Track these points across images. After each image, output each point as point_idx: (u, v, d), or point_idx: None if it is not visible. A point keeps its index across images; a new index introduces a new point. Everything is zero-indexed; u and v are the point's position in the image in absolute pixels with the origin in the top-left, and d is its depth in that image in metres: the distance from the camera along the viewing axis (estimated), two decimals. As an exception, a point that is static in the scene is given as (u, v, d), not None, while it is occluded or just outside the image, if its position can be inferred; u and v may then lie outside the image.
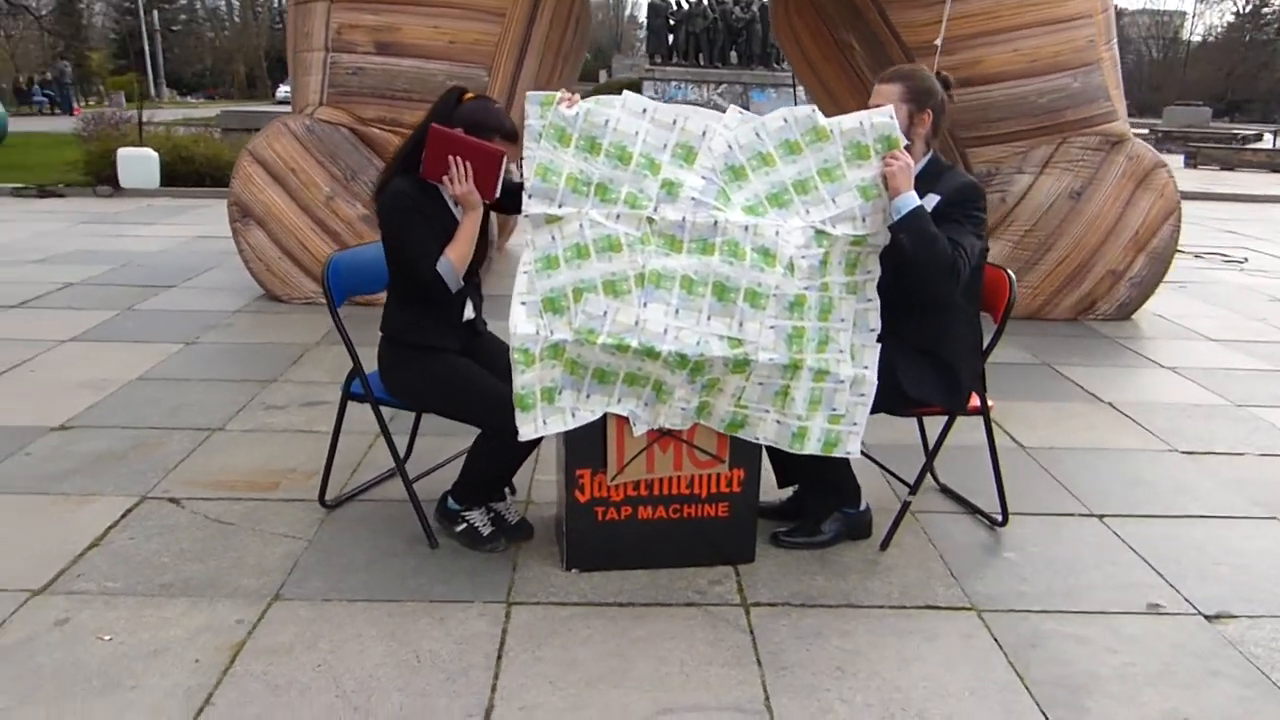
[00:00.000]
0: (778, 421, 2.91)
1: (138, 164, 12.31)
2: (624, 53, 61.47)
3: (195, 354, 5.26)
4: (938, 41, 4.76)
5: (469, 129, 2.92)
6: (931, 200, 2.94)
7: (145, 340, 5.47)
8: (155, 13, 45.24)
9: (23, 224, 9.70)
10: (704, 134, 2.88)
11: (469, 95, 3.00)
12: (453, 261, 2.93)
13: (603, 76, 53.32)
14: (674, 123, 2.87)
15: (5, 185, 12.28)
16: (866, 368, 2.94)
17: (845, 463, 3.20)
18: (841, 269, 2.91)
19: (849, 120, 2.90)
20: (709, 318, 2.78)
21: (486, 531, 3.12)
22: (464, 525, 3.12)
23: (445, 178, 2.89)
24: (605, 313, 2.76)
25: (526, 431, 2.80)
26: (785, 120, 2.91)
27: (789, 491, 3.42)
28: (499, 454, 2.99)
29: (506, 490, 3.27)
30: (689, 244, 2.82)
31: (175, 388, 4.66)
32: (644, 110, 2.87)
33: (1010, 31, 6.02)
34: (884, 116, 2.88)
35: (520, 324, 2.77)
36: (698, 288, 2.79)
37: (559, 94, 2.86)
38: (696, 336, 2.76)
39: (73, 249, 8.31)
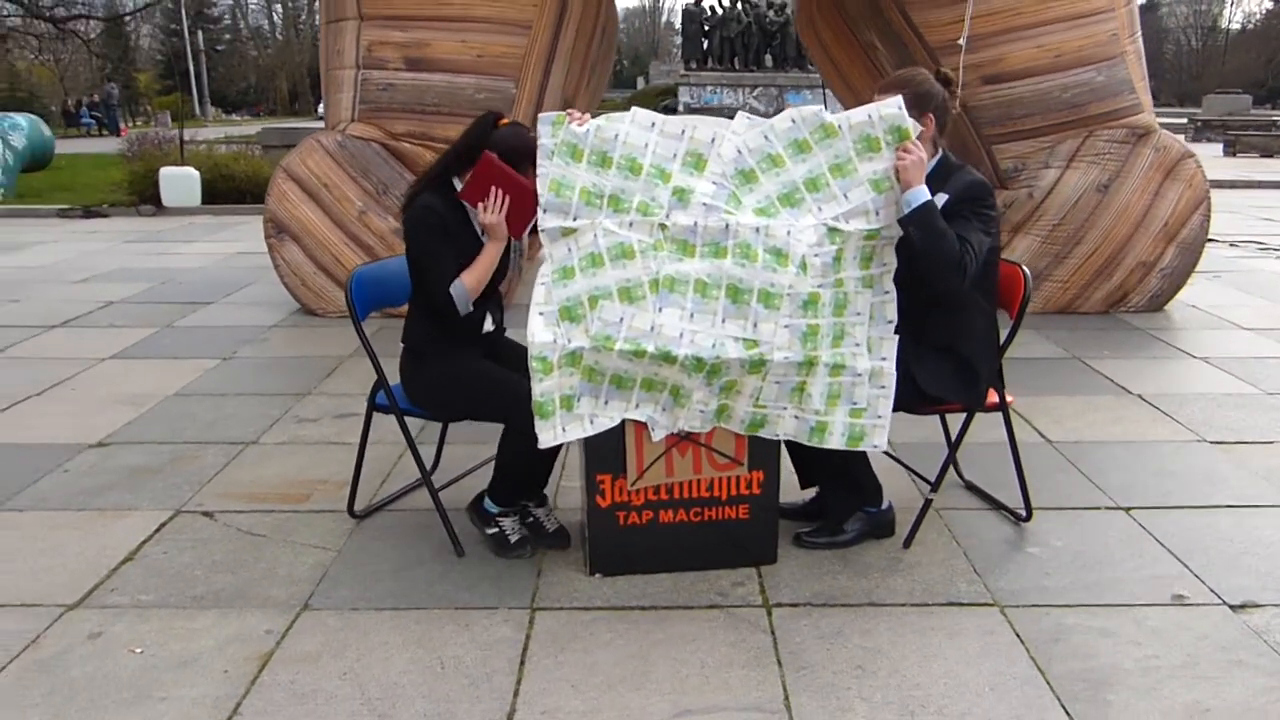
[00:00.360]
0: (795, 417, 2.95)
1: (179, 182, 12.60)
2: (660, 59, 61.55)
3: (231, 369, 5.38)
4: (962, 40, 4.74)
5: (504, 154, 2.99)
6: (940, 199, 2.95)
7: (183, 356, 5.61)
8: (200, 33, 46.10)
9: (68, 244, 9.97)
10: (713, 140, 2.92)
11: (504, 120, 3.07)
12: (466, 286, 3.01)
13: (640, 83, 53.48)
14: (682, 133, 2.91)
15: (52, 206, 12.62)
16: (884, 359, 2.95)
17: (866, 461, 3.22)
18: (856, 264, 2.93)
19: (857, 114, 2.91)
20: (724, 320, 2.82)
21: (515, 539, 3.16)
22: (495, 530, 3.17)
23: (480, 204, 2.96)
24: (621, 319, 2.80)
25: (546, 439, 2.85)
26: (793, 121, 2.94)
27: (812, 492, 3.43)
28: (526, 450, 3.02)
29: (545, 495, 3.31)
30: (701, 248, 2.85)
31: (211, 402, 4.78)
32: (652, 124, 2.92)
33: (1033, 28, 5.99)
34: (892, 108, 2.89)
35: (538, 333, 2.83)
36: (711, 290, 2.82)
37: (570, 113, 2.92)
38: (712, 339, 2.79)
39: (115, 267, 8.53)
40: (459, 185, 3.07)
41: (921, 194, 2.84)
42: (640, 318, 2.80)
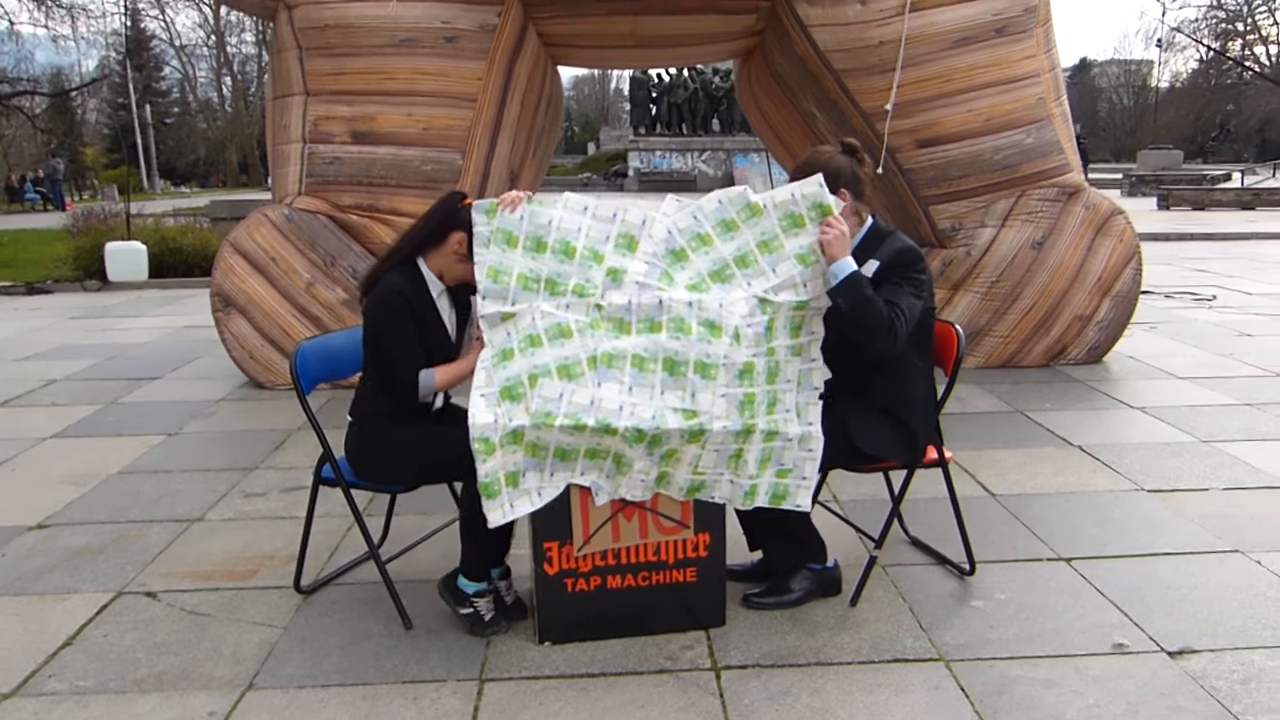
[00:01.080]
0: (731, 482, 3.00)
1: (125, 257, 12.49)
2: (610, 124, 62.49)
3: (178, 444, 5.32)
4: (888, 106, 4.92)
5: (462, 227, 3.06)
6: (871, 266, 3.06)
7: (128, 433, 5.54)
8: (148, 106, 46.06)
9: (10, 322, 9.82)
10: (643, 223, 3.05)
11: (467, 200, 3.12)
12: (436, 381, 3.06)
13: (591, 148, 54.18)
14: (614, 216, 3.04)
15: (-6, 284, 12.44)
16: (811, 424, 3.03)
17: (807, 518, 3.26)
18: (786, 333, 3.02)
19: (780, 193, 3.03)
20: (662, 392, 2.88)
21: (489, 616, 3.13)
22: (470, 611, 3.12)
23: None
24: (561, 395, 2.86)
25: (494, 518, 2.86)
26: (720, 201, 3.07)
27: (759, 554, 3.46)
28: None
29: (508, 566, 3.30)
30: (637, 325, 2.94)
31: (157, 479, 4.71)
32: (584, 208, 3.05)
33: (964, 93, 6.20)
34: (813, 185, 3.00)
35: (479, 415, 2.87)
36: (649, 364, 2.89)
37: (502, 199, 3.02)
38: (652, 411, 2.85)
39: (58, 344, 8.42)
40: (424, 266, 3.12)
41: (847, 265, 2.93)
42: (580, 393, 2.86)
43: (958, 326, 3.34)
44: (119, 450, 5.20)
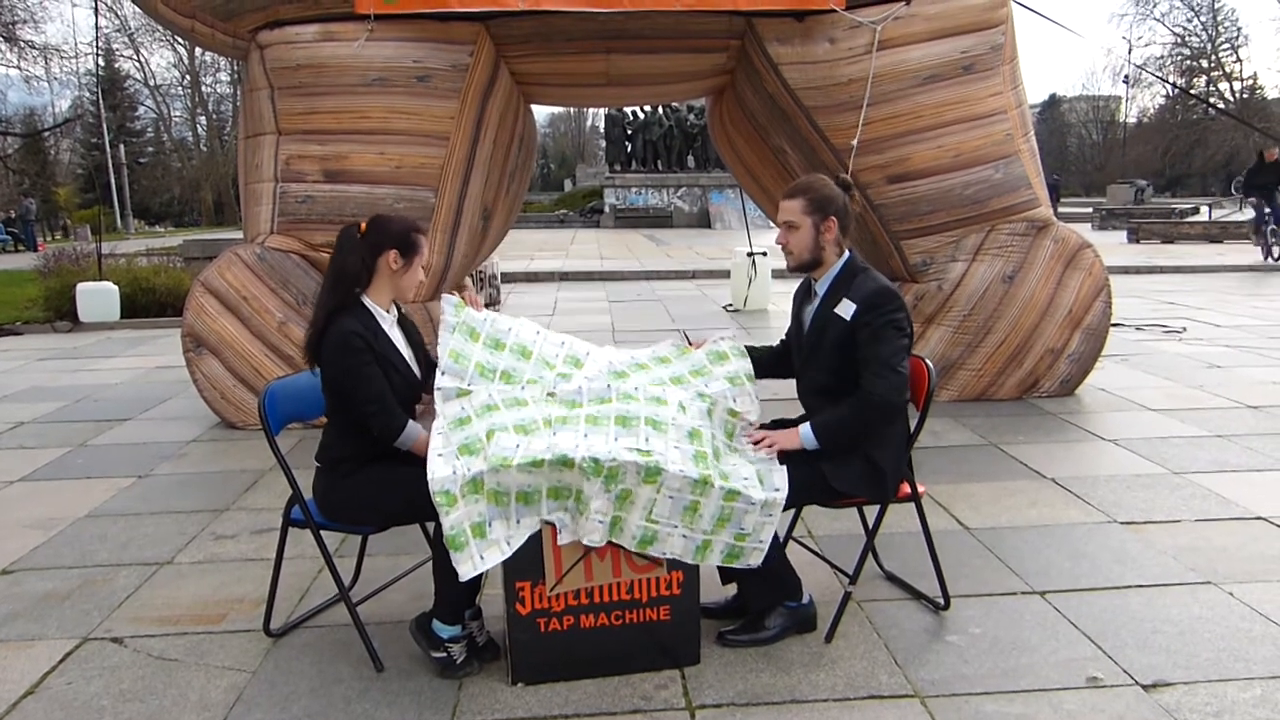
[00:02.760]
0: (684, 536, 2.98)
1: (97, 298, 12.37)
2: (587, 162, 62.97)
3: (148, 487, 5.26)
4: (854, 143, 4.96)
5: (403, 245, 3.12)
6: (848, 308, 3.12)
7: (97, 475, 5.46)
8: (122, 146, 45.96)
9: (-20, 365, 9.70)
10: (587, 354, 3.38)
11: (363, 226, 3.14)
12: (417, 441, 3.08)
13: (568, 185, 54.51)
14: (562, 343, 3.40)
15: (-37, 326, 12.29)
16: (778, 490, 3.05)
17: (783, 556, 3.26)
18: (722, 430, 3.22)
19: (705, 347, 3.52)
20: (616, 439, 2.95)
21: (460, 659, 3.09)
22: (444, 655, 3.08)
23: None
24: (517, 445, 2.91)
25: (465, 571, 2.84)
26: (653, 349, 3.53)
27: (733, 589, 3.44)
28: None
29: (479, 607, 3.27)
30: (588, 403, 3.12)
31: (125, 522, 4.65)
32: (537, 331, 3.40)
33: (933, 129, 6.29)
34: (724, 344, 3.50)
35: (437, 470, 2.89)
36: (602, 421, 3.01)
37: (467, 294, 3.35)
38: (608, 447, 2.90)
39: (27, 386, 8.31)
40: (369, 301, 3.14)
41: (809, 438, 3.14)
42: (536, 442, 2.92)
43: (928, 361, 3.36)
44: (88, 493, 5.13)
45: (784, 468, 3.09)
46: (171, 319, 11.83)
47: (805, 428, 3.15)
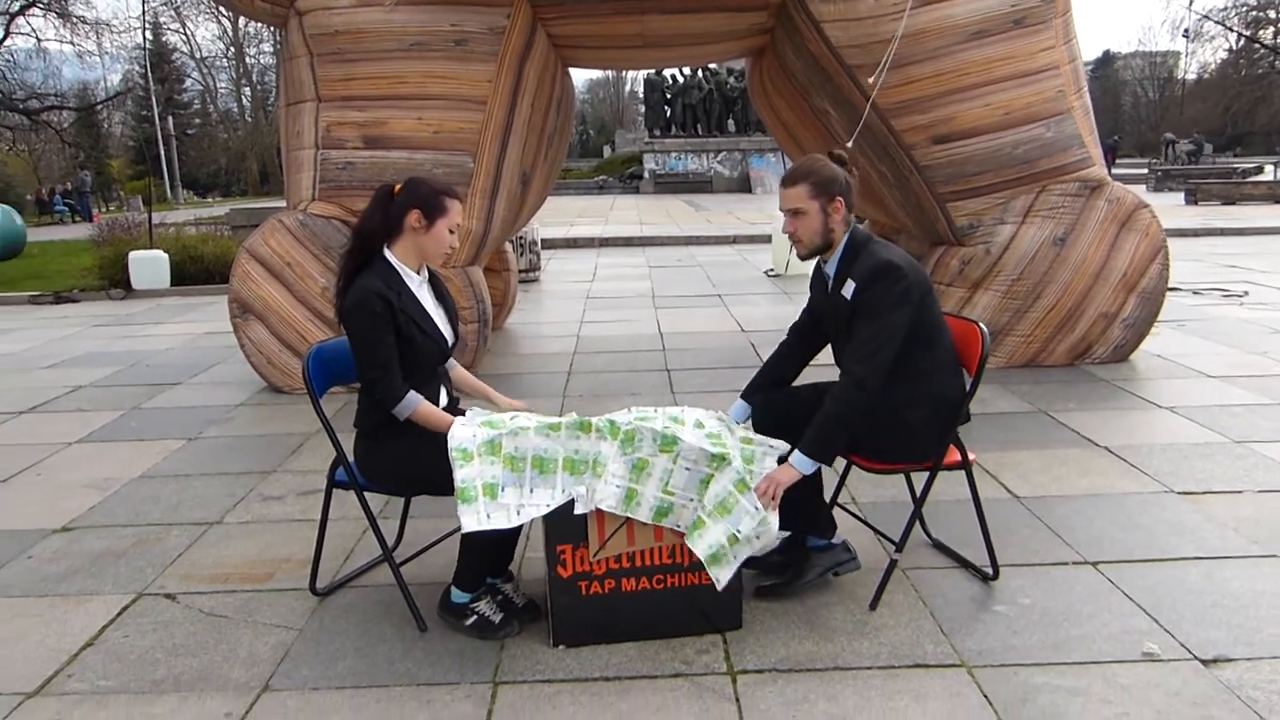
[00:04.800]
0: (697, 511, 2.96)
1: (148, 266, 12.61)
2: (625, 127, 62.67)
3: (197, 449, 5.33)
4: (872, 80, 4.70)
5: (428, 207, 3.06)
6: (850, 288, 3.06)
7: (149, 438, 5.56)
8: (170, 118, 46.50)
9: (37, 330, 9.91)
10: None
11: (397, 188, 3.11)
12: (416, 410, 3.03)
13: (606, 151, 54.32)
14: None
15: (22, 294, 12.57)
16: (771, 524, 2.98)
17: (819, 494, 3.26)
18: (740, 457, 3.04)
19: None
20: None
21: (498, 619, 3.10)
22: (474, 618, 3.10)
23: None
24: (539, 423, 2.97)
25: (468, 523, 2.82)
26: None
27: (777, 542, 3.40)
28: (485, 532, 3.00)
29: (511, 572, 3.27)
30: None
31: (176, 484, 4.72)
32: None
33: (980, 87, 6.12)
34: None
35: (457, 432, 2.93)
36: (621, 428, 2.98)
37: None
38: (626, 418, 2.93)
39: (83, 352, 8.48)
40: (394, 258, 3.11)
41: (805, 466, 3.00)
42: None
43: (982, 326, 3.27)
44: (141, 455, 5.22)
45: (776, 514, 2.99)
46: (219, 286, 11.97)
47: (796, 457, 3.00)
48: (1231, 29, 49.99)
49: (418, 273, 3.17)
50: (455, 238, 3.17)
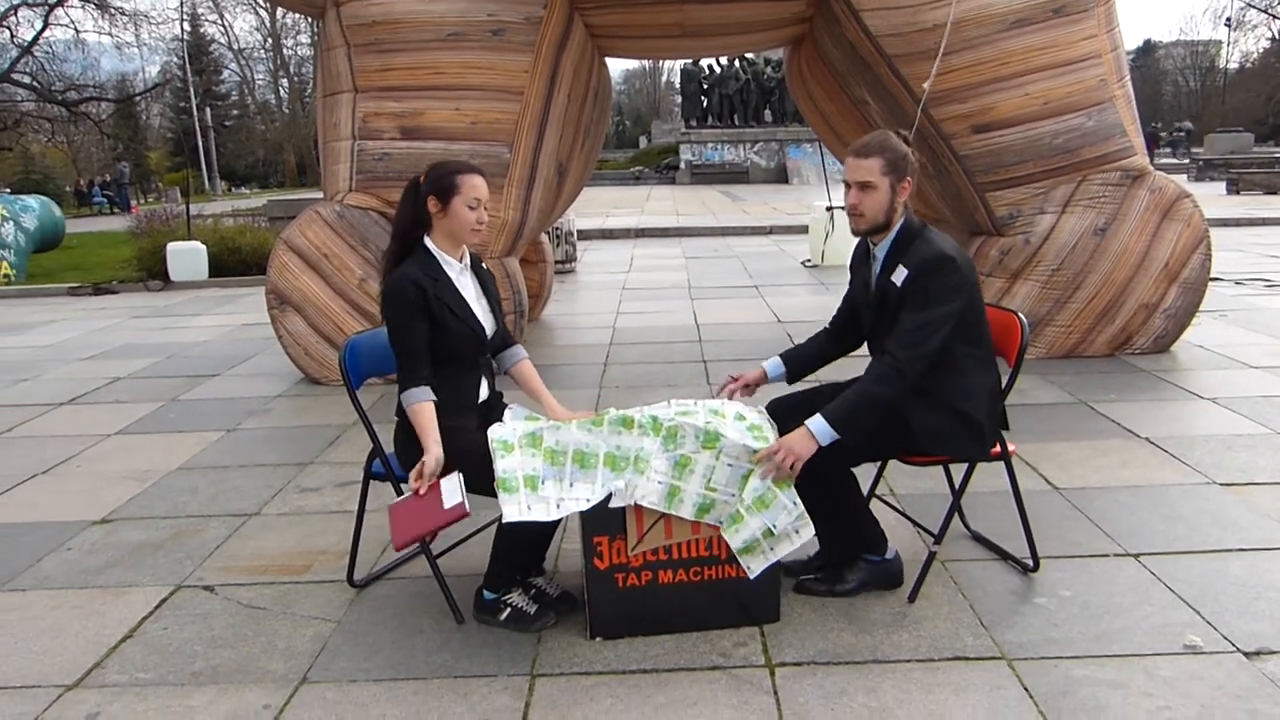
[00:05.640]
0: (735, 506, 2.95)
1: (186, 257, 12.75)
2: (662, 118, 62.56)
3: (235, 441, 5.39)
4: (925, 85, 4.75)
5: (438, 189, 3.06)
6: (901, 274, 3.01)
7: (188, 430, 5.62)
8: (208, 110, 47.04)
9: (77, 322, 10.06)
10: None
11: (422, 178, 3.12)
12: (415, 406, 3.02)
13: (643, 142, 54.26)
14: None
15: (62, 285, 12.76)
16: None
17: (864, 506, 3.20)
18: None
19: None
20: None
21: (533, 610, 3.10)
22: (508, 611, 3.11)
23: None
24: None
25: (510, 512, 2.82)
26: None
27: (814, 548, 3.39)
28: (523, 527, 3.00)
29: (544, 567, 3.28)
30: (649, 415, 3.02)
31: (214, 475, 4.77)
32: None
33: (1020, 76, 6.05)
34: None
35: (497, 428, 2.96)
36: (663, 425, 2.97)
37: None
38: (668, 413, 2.94)
39: (122, 344, 8.60)
40: (433, 247, 3.12)
41: (824, 434, 2.91)
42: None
43: (1021, 316, 3.23)
44: (179, 446, 5.29)
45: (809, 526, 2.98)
46: (256, 277, 12.12)
47: (817, 424, 2.91)
48: (1276, 16, 48.98)
49: (459, 260, 3.17)
50: (480, 212, 3.10)
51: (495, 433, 2.90)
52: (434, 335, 3.05)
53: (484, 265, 3.32)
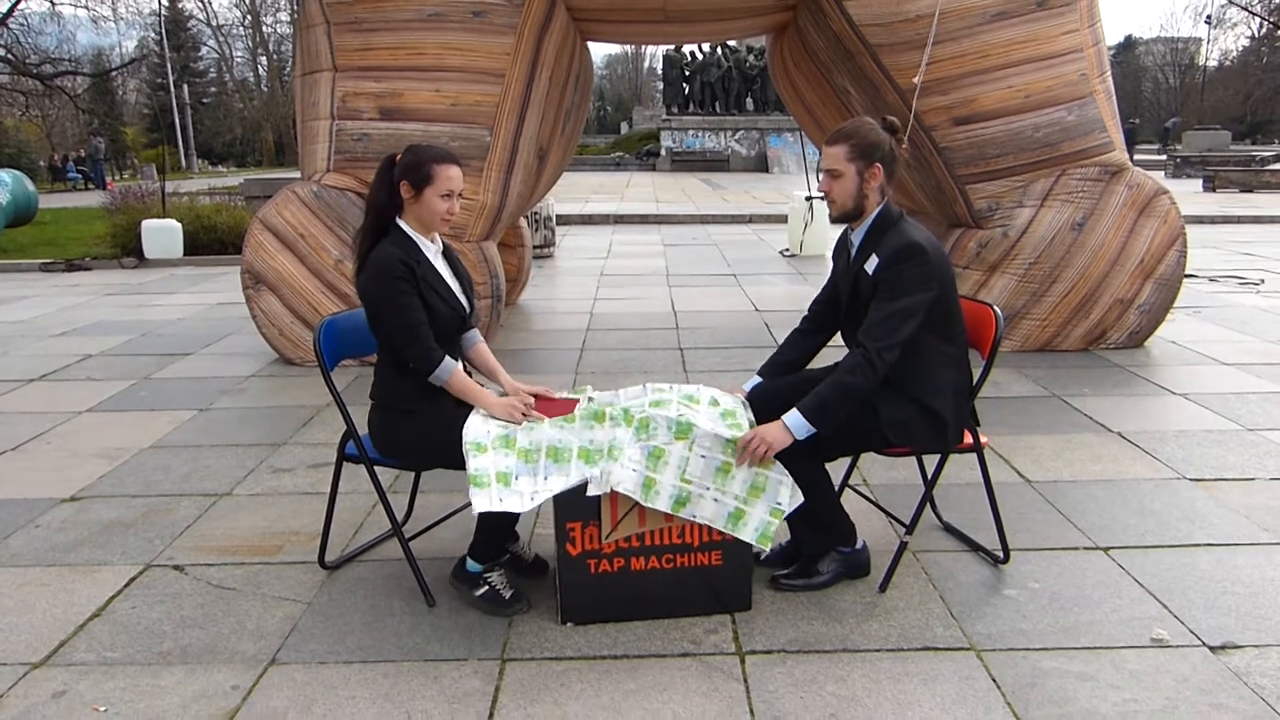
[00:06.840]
0: (715, 500, 2.94)
1: (161, 235, 12.61)
2: (643, 104, 62.37)
3: (208, 420, 5.34)
4: (916, 80, 4.77)
5: (413, 176, 3.03)
6: (874, 263, 3.00)
7: (160, 408, 5.57)
8: (186, 87, 46.44)
9: (49, 298, 9.93)
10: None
11: (398, 157, 3.09)
12: (451, 378, 3.04)
13: (624, 128, 54.09)
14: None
15: (34, 261, 12.60)
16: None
17: (836, 501, 3.21)
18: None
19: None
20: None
21: (509, 594, 3.10)
22: (485, 589, 3.10)
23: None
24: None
25: (480, 504, 2.81)
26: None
27: (785, 537, 3.40)
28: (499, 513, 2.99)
29: (517, 533, 3.27)
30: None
31: (186, 454, 4.73)
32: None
33: (1002, 69, 6.06)
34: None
35: (473, 425, 2.95)
36: (635, 416, 2.98)
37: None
38: (639, 403, 2.95)
39: (95, 321, 8.50)
40: (407, 228, 3.09)
41: (800, 428, 2.92)
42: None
43: (996, 308, 3.24)
44: (151, 425, 5.23)
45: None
46: (232, 256, 12.01)
47: (792, 418, 2.92)
48: (1255, 14, 49.38)
49: (432, 242, 3.15)
50: (453, 204, 3.08)
51: (468, 435, 2.89)
52: None
53: (449, 247, 3.30)
